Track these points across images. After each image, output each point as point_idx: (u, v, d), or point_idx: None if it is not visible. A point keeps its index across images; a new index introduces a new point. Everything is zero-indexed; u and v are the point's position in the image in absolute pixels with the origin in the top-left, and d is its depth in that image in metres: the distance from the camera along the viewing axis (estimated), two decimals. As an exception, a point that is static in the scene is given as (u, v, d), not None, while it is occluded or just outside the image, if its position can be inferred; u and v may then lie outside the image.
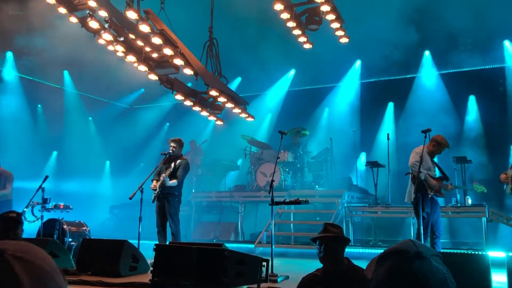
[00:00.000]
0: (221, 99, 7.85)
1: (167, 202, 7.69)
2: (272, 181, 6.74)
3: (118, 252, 6.15)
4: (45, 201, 7.76)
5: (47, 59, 13.30)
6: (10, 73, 14.30)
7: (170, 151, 7.90)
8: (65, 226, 7.92)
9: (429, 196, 6.79)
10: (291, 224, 10.76)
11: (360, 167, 13.20)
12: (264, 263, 4.87)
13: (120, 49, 7.01)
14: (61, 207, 8.06)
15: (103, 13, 6.83)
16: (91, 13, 6.75)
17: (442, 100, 12.97)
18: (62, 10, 7.01)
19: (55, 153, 15.83)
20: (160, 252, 5.00)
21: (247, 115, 8.51)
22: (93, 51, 10.24)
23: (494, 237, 9.60)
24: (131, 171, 16.65)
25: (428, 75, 13.79)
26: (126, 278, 5.97)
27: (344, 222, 10.12)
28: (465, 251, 7.42)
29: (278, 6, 7.06)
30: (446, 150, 7.30)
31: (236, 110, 8.30)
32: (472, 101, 13.22)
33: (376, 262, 1.52)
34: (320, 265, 3.98)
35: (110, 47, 7.28)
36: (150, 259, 6.48)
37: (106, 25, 6.83)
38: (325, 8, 7.18)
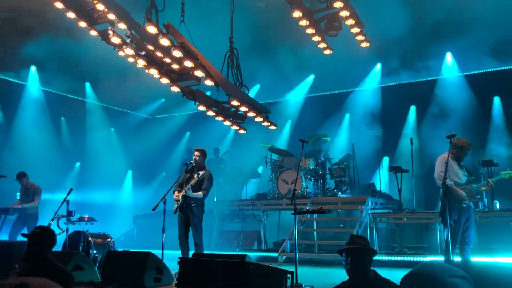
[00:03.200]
0: (243, 109, 7.83)
1: (190, 213, 7.68)
2: (295, 190, 6.68)
3: (143, 264, 6.17)
4: (70, 213, 7.86)
5: (69, 72, 13.58)
6: (34, 87, 14.59)
7: (193, 161, 7.89)
8: (90, 238, 7.99)
9: (465, 206, 6.64)
10: (314, 232, 10.66)
11: (383, 173, 13.03)
12: (289, 275, 4.82)
13: (141, 63, 7.07)
14: (86, 219, 8.15)
15: (122, 26, 6.90)
16: (111, 27, 6.83)
17: (466, 102, 12.71)
18: (83, 24, 7.11)
19: (78, 164, 16.06)
20: (184, 265, 5.00)
21: (269, 123, 8.47)
22: (114, 62, 10.37)
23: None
24: (153, 180, 16.80)
25: (451, 77, 13.54)
26: (151, 290, 5.99)
27: (368, 229, 9.97)
28: (497, 263, 7.26)
29: (297, 14, 7.04)
30: (472, 152, 7.14)
31: (258, 119, 8.27)
32: (497, 102, 12.95)
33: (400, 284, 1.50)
34: (345, 275, 3.92)
35: (131, 59, 7.35)
36: (174, 271, 6.49)
37: (128, 40, 6.90)
38: (344, 13, 7.12)
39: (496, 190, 9.21)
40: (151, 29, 6.36)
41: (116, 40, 6.88)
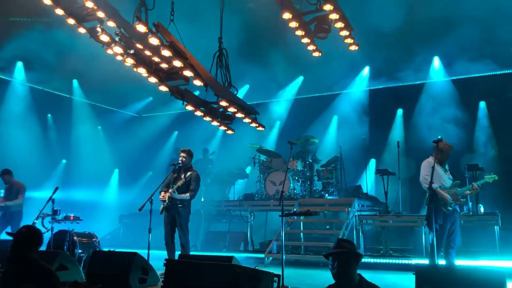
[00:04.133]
0: (231, 109, 7.81)
1: (177, 213, 7.67)
2: (282, 191, 6.68)
3: (128, 264, 6.11)
4: (55, 212, 7.78)
5: (56, 68, 13.41)
6: (20, 83, 14.40)
7: (180, 161, 7.89)
8: (75, 238, 7.92)
9: (450, 209, 6.71)
10: (301, 233, 10.69)
11: (370, 175, 13.12)
12: (276, 278, 4.83)
13: (130, 61, 7.01)
14: (71, 218, 8.07)
15: (111, 24, 6.83)
16: (100, 25, 6.76)
17: (453, 106, 12.84)
18: (71, 21, 7.02)
19: (64, 161, 15.90)
20: (171, 267, 4.97)
21: (257, 125, 8.47)
22: (102, 60, 10.28)
23: (506, 245, 9.46)
24: (140, 180, 16.71)
25: (438, 81, 13.68)
26: (136, 291, 5.95)
27: (354, 231, 10.03)
28: (480, 266, 7.36)
29: (287, 15, 7.03)
30: (458, 156, 7.22)
31: (247, 120, 8.26)
32: (482, 107, 13.12)
33: None
34: (331, 277, 3.93)
35: (119, 58, 7.29)
36: (160, 271, 6.46)
37: (117, 38, 6.83)
38: (333, 16, 7.14)
39: (480, 194, 9.34)
40: (141, 28, 6.31)
41: (104, 38, 6.82)
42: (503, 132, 12.02)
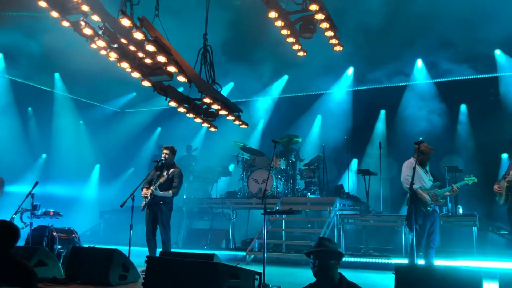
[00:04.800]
0: (215, 106, 7.79)
1: (159, 210, 7.64)
2: (265, 189, 6.70)
3: (108, 261, 6.07)
4: (34, 207, 7.67)
5: (38, 61, 13.21)
6: (0, 75, 14.14)
7: (163, 158, 7.85)
8: (54, 233, 7.82)
9: (430, 210, 6.79)
10: (283, 232, 10.72)
11: (352, 175, 13.23)
12: (257, 276, 4.84)
13: (113, 55, 6.94)
14: (51, 213, 7.96)
15: (96, 18, 6.76)
16: (84, 18, 6.68)
17: (434, 108, 13.04)
18: (55, 14, 6.93)
19: (44, 156, 15.68)
20: (152, 264, 4.94)
21: (240, 122, 8.45)
22: (85, 54, 10.15)
23: (483, 246, 9.65)
24: (121, 176, 16.56)
25: (420, 84, 13.86)
26: (116, 288, 5.91)
27: (335, 230, 10.10)
28: (458, 266, 7.48)
29: (273, 14, 7.04)
30: (438, 158, 7.32)
31: (230, 118, 8.24)
32: (463, 110, 13.33)
33: None
34: (312, 275, 3.95)
35: (103, 52, 7.21)
36: (140, 268, 6.42)
37: (100, 32, 6.76)
38: (319, 16, 7.17)
39: (459, 195, 9.49)
40: (125, 22, 6.24)
41: (88, 31, 6.72)
42: (482, 135, 12.23)
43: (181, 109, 7.97)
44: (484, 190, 9.65)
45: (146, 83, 7.26)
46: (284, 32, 7.38)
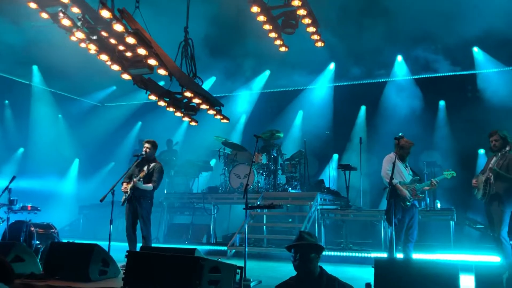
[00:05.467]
0: (196, 101, 7.75)
1: (139, 205, 7.59)
2: (247, 184, 6.70)
3: (88, 256, 6.00)
4: (11, 202, 7.54)
5: (15, 53, 12.92)
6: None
7: (143, 152, 7.78)
8: (32, 228, 7.71)
9: (409, 204, 6.88)
10: (264, 226, 10.76)
11: (333, 170, 13.33)
12: (239, 270, 4.85)
13: (92, 47, 6.83)
14: (29, 208, 7.84)
15: (75, 10, 6.64)
16: (63, 10, 6.55)
17: (414, 104, 13.21)
18: (33, 5, 6.78)
19: (21, 150, 15.39)
20: (132, 259, 4.89)
21: (222, 117, 8.43)
22: (64, 47, 9.97)
23: (460, 239, 9.84)
24: (101, 170, 16.38)
25: (400, 80, 14.03)
26: (95, 283, 5.84)
27: (316, 224, 10.17)
28: (436, 260, 7.61)
29: (255, 9, 7.02)
30: (417, 153, 7.42)
31: (211, 112, 8.21)
32: (442, 106, 13.55)
33: None
34: (293, 270, 3.98)
35: (83, 45, 7.09)
36: (121, 263, 6.36)
37: (79, 23, 6.64)
38: (301, 12, 7.18)
39: (437, 190, 9.66)
40: (105, 14, 6.14)
41: (66, 22, 6.57)
42: (461, 130, 12.44)
43: (162, 103, 7.91)
44: (462, 185, 9.83)
45: (126, 76, 7.18)
46: (266, 27, 7.37)
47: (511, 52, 12.32)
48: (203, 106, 7.97)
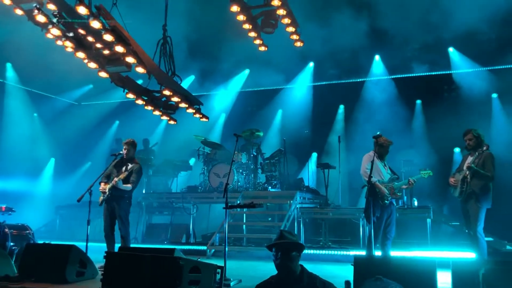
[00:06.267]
0: (175, 99, 7.70)
1: (117, 205, 7.49)
2: (227, 184, 6.67)
3: (65, 257, 5.91)
4: (-16, 203, 7.34)
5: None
6: None
7: (122, 152, 7.69)
8: (6, 230, 7.52)
9: (387, 202, 6.96)
10: (244, 225, 10.74)
11: (312, 168, 13.40)
12: (219, 270, 4.83)
13: (69, 45, 6.71)
14: (3, 209, 7.66)
15: (51, 7, 6.50)
16: (38, 6, 6.41)
17: (392, 103, 13.38)
18: (7, 1, 6.63)
19: (-5, 149, 15.03)
20: (111, 260, 4.83)
21: (201, 116, 8.39)
22: (40, 44, 9.76)
23: (436, 236, 10.00)
24: (77, 170, 16.12)
25: (378, 79, 14.19)
26: (72, 285, 5.77)
27: (295, 223, 10.21)
28: (413, 257, 7.71)
29: (235, 8, 7.02)
30: (395, 152, 7.50)
31: (190, 111, 8.17)
32: (418, 106, 13.76)
33: None
34: (273, 269, 3.98)
35: (59, 42, 6.96)
36: (98, 263, 6.27)
37: (55, 20, 6.50)
38: (281, 12, 7.21)
39: (414, 188, 9.78)
40: (82, 10, 6.04)
41: (41, 18, 6.43)
42: (437, 129, 12.64)
43: (139, 101, 7.82)
44: (438, 183, 10.01)
45: (103, 74, 7.08)
46: (246, 26, 7.39)
47: (486, 52, 12.59)
48: (182, 105, 7.92)
